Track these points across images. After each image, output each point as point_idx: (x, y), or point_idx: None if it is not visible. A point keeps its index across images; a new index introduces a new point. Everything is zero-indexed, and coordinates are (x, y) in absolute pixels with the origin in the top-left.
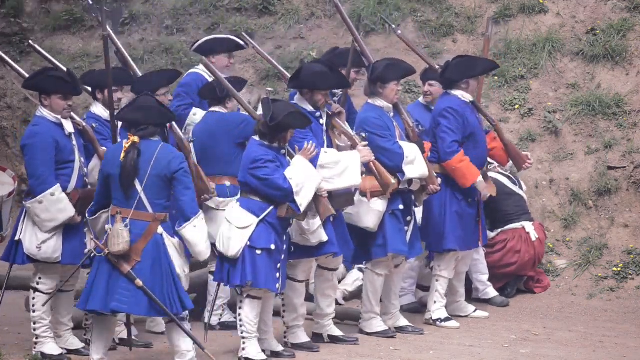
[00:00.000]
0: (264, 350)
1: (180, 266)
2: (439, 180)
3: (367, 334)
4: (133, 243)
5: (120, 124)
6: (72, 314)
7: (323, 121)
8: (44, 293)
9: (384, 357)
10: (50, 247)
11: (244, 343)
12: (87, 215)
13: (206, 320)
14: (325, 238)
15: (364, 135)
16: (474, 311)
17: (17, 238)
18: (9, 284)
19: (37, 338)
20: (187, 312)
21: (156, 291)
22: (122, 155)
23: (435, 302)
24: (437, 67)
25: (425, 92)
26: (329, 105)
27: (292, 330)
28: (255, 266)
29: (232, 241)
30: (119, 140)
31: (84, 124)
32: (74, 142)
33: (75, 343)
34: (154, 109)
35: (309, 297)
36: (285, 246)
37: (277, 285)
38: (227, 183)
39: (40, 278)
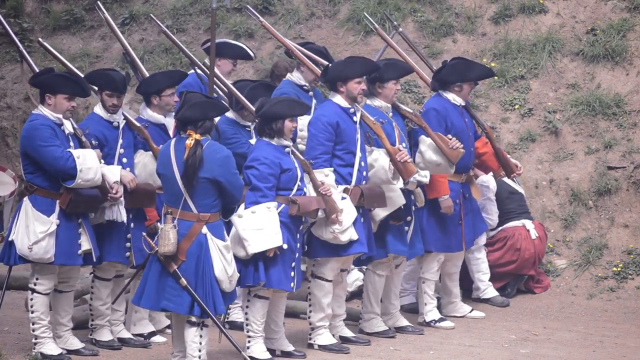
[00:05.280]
0: (274, 350)
1: (220, 269)
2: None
3: (367, 334)
4: (179, 242)
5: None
6: (72, 314)
7: (357, 118)
8: (41, 294)
9: (384, 357)
10: (41, 248)
11: (249, 342)
12: None
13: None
14: (355, 236)
15: (383, 121)
16: (470, 311)
17: (10, 239)
18: (9, 284)
19: (36, 338)
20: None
21: (198, 291)
22: (186, 153)
23: (426, 304)
24: (434, 68)
25: None
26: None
27: (318, 330)
28: (268, 266)
29: (244, 242)
30: (93, 144)
31: (76, 126)
32: (71, 143)
33: (75, 343)
34: (208, 103)
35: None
36: (299, 244)
37: (292, 284)
38: None
39: (37, 279)
